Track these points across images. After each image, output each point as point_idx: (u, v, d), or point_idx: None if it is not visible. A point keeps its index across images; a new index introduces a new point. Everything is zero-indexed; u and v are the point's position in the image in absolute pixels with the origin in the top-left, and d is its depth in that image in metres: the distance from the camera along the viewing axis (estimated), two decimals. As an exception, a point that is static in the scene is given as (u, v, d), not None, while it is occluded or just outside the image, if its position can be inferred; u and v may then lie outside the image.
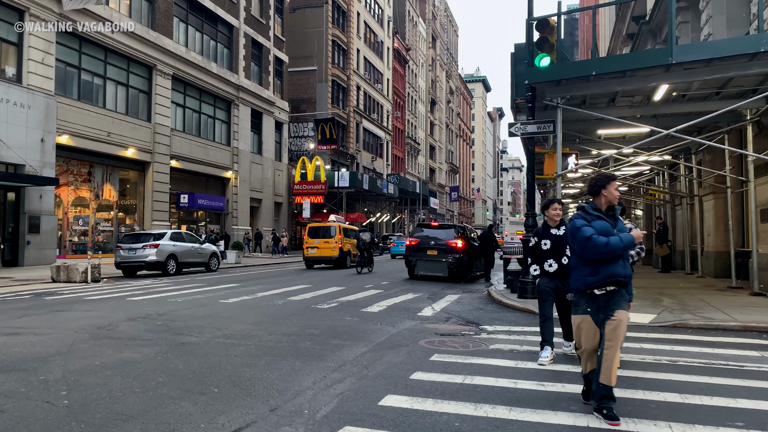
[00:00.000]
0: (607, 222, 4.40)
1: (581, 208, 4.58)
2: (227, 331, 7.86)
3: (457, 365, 6.06)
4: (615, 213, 4.49)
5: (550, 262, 6.36)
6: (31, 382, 5.06)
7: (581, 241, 4.32)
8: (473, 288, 15.66)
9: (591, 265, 4.34)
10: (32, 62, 20.77)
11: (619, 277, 4.31)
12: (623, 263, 4.35)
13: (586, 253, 4.33)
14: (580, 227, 4.37)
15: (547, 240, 6.43)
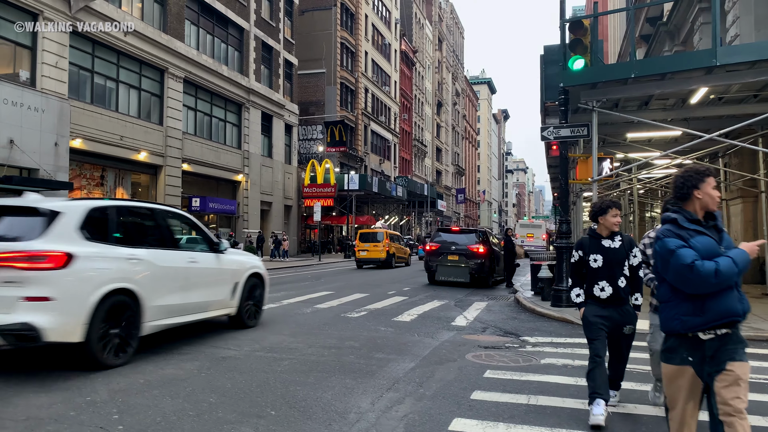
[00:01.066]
0: (710, 237, 3.17)
1: (670, 219, 3.29)
2: (265, 343, 7.61)
3: (515, 383, 5.80)
4: (717, 222, 3.29)
5: (602, 285, 4.83)
6: (78, 403, 4.81)
7: (679, 269, 3.07)
8: (497, 294, 15.40)
9: (693, 300, 3.12)
10: (46, 66, 20.58)
11: (736, 316, 3.10)
12: (738, 294, 3.13)
13: (687, 287, 3.09)
14: (675, 250, 3.11)
15: (597, 255, 4.86)
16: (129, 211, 7.51)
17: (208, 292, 7.84)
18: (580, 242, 5.07)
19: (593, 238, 4.98)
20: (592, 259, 4.90)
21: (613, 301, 4.86)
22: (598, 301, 4.89)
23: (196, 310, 7.57)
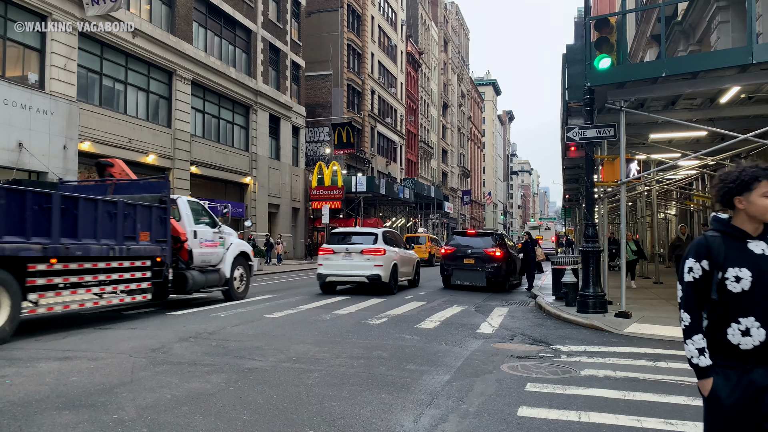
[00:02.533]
0: None
1: None
2: (290, 353, 7.32)
3: (560, 397, 5.50)
4: None
5: (746, 325, 2.53)
6: (105, 422, 4.53)
7: None
8: (516, 299, 15.10)
9: None
10: (55, 68, 20.38)
11: None
12: None
13: None
14: None
15: (742, 269, 2.54)
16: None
17: None
18: (705, 245, 2.64)
19: (731, 237, 2.62)
20: (733, 276, 2.55)
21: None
22: (736, 356, 2.55)
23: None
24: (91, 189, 12.42)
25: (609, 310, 10.88)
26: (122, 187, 12.26)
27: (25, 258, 8.14)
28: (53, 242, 8.57)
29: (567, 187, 28.40)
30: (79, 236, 9.14)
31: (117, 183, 12.53)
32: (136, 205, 10.52)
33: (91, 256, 9.40)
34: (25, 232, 8.17)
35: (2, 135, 18.29)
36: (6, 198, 7.98)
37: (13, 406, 4.88)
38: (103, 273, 9.72)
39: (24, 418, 4.60)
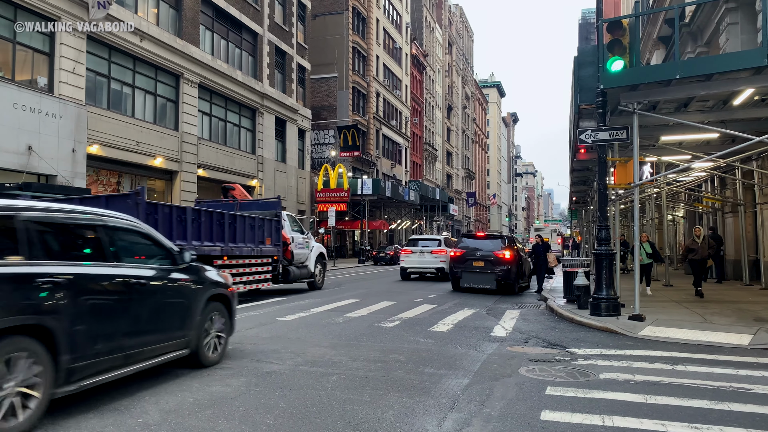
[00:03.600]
0: None
1: None
2: (307, 356, 7.32)
3: (582, 401, 5.48)
4: None
5: None
6: (131, 426, 4.54)
7: None
8: (526, 301, 15.08)
9: None
10: (64, 72, 20.46)
11: None
12: None
13: None
14: None
15: None
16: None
17: None
18: None
19: None
20: None
21: None
22: None
23: None
24: (221, 207, 15.77)
25: (622, 313, 10.85)
26: (245, 205, 16.52)
27: (212, 256, 12.02)
28: (225, 245, 12.77)
29: (574, 189, 28.37)
30: (236, 241, 13.23)
31: (241, 202, 17.00)
32: (264, 219, 14.75)
33: (243, 255, 13.47)
34: (212, 239, 12.37)
35: (12, 138, 18.37)
36: (204, 216, 12.26)
37: (38, 410, 4.88)
38: (248, 267, 13.69)
39: (51, 422, 4.61)
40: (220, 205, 16.37)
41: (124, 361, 5.36)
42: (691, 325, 9.87)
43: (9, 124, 18.21)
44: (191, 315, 6.40)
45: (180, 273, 6.36)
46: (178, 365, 6.35)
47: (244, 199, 17.68)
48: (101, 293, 5.20)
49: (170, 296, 6.26)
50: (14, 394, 4.21)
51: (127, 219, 6.07)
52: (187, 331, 6.31)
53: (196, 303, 6.50)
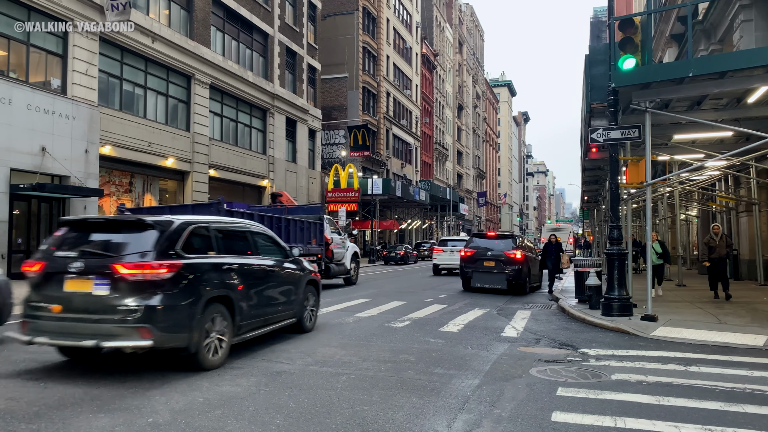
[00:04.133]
0: None
1: None
2: (317, 356, 7.32)
3: (593, 402, 5.43)
4: None
5: None
6: (141, 426, 4.55)
7: None
8: (537, 301, 15.00)
9: None
10: (77, 73, 20.64)
11: None
12: None
13: None
14: None
15: None
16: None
17: None
18: None
19: None
20: None
21: None
22: None
23: None
24: (272, 211, 17.92)
25: (634, 313, 10.76)
26: (292, 210, 18.91)
27: None
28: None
29: (586, 188, 28.17)
30: (290, 242, 14.36)
31: (289, 207, 19.55)
32: (310, 222, 16.93)
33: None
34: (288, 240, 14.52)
35: (26, 140, 18.55)
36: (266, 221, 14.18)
37: (50, 410, 4.92)
38: None
39: (61, 421, 4.64)
40: (270, 210, 18.57)
41: (263, 324, 7.82)
42: (705, 326, 9.76)
43: (23, 125, 18.40)
44: (298, 293, 8.92)
45: (290, 263, 8.90)
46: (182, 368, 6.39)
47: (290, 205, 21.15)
48: (252, 276, 7.68)
49: (286, 279, 8.68)
50: (215, 339, 6.68)
51: (260, 226, 9.15)
52: (295, 305, 8.81)
53: (300, 285, 9.01)
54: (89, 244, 6.51)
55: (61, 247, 6.44)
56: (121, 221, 7.03)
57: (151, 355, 6.52)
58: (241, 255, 7.65)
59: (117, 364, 6.67)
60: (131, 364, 6.66)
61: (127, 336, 5.90)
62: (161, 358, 6.62)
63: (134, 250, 6.21)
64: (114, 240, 6.55)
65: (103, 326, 5.93)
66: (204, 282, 6.59)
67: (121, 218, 7.26)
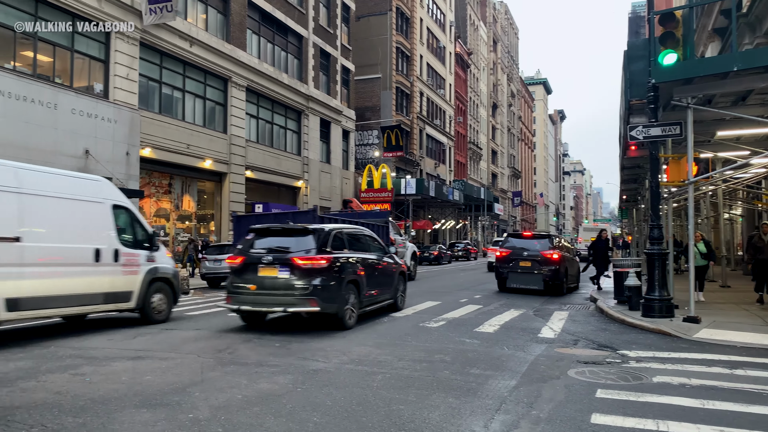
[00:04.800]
0: None
1: None
2: (352, 355, 7.36)
3: (634, 405, 5.31)
4: None
5: None
6: (182, 421, 4.65)
7: None
8: (574, 301, 14.76)
9: None
10: (118, 78, 21.20)
11: None
12: None
13: None
14: None
15: None
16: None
17: None
18: None
19: None
20: None
21: None
22: None
23: None
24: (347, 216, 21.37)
25: (676, 314, 10.48)
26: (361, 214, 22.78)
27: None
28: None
29: (624, 187, 27.58)
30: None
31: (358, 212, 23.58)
32: (379, 225, 19.04)
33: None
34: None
35: (71, 143, 19.15)
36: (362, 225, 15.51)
37: (95, 404, 5.07)
38: None
39: (106, 415, 4.78)
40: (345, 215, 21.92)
41: (374, 302, 10.82)
42: (751, 328, 9.45)
43: (68, 128, 19.00)
44: (393, 281, 11.88)
45: (388, 258, 11.84)
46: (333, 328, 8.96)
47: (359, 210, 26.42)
48: (369, 267, 10.59)
49: (387, 270, 11.61)
50: (350, 309, 9.61)
51: (368, 230, 12.22)
52: (392, 289, 11.79)
53: (395, 275, 11.98)
54: (273, 244, 9.54)
55: (253, 246, 9.56)
56: (291, 228, 9.89)
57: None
58: (361, 251, 10.69)
59: (156, 364, 6.83)
60: (171, 363, 6.81)
61: (302, 305, 8.98)
62: (317, 322, 9.66)
63: (302, 248, 9.26)
64: (288, 241, 9.52)
65: (286, 298, 9.00)
66: (344, 269, 9.57)
67: (291, 227, 9.99)
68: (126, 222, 10.31)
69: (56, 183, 9.24)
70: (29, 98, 17.79)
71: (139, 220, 10.79)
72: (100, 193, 10.04)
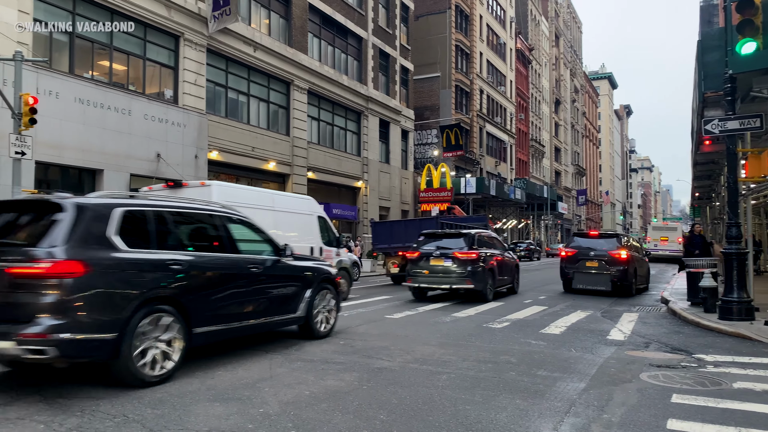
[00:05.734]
0: None
1: None
2: (416, 354, 7.37)
3: (713, 412, 5.07)
4: None
5: None
6: (253, 416, 4.79)
7: None
8: (644, 303, 14.23)
9: None
10: (187, 84, 22.03)
11: None
12: None
13: None
14: None
15: None
16: None
17: None
18: None
19: None
20: None
21: None
22: None
23: None
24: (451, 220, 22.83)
25: (756, 317, 9.93)
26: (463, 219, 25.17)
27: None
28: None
29: (697, 184, 26.36)
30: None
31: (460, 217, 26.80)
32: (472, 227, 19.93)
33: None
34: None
35: (144, 147, 20.06)
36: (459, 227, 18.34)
37: (172, 397, 5.29)
38: None
39: (182, 408, 4.98)
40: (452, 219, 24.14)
41: (500, 285, 14.96)
42: None
43: (141, 133, 19.92)
44: (512, 271, 15.98)
45: (507, 253, 15.88)
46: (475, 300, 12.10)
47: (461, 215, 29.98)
48: (497, 259, 14.60)
49: (508, 263, 15.76)
50: (489, 288, 13.91)
51: (494, 233, 16.80)
52: (512, 276, 15.87)
53: (512, 265, 16.05)
54: (441, 243, 14.16)
55: (425, 244, 14.26)
56: (450, 233, 15.11)
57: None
58: (492, 249, 14.77)
59: (229, 358, 7.05)
60: (241, 359, 7.02)
61: (461, 283, 13.28)
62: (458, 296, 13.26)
63: (460, 246, 13.76)
64: (449, 241, 14.22)
65: (450, 279, 13.44)
66: (486, 260, 13.77)
67: (450, 232, 15.41)
68: (323, 227, 14.73)
69: (290, 202, 14.40)
70: (105, 105, 18.76)
71: (330, 227, 15.34)
72: (309, 207, 14.90)
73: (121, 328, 5.32)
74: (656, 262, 36.15)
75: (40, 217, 5.64)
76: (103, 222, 5.54)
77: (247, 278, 6.95)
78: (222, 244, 6.90)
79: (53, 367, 5.68)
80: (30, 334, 4.90)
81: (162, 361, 5.75)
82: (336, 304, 8.77)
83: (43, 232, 5.32)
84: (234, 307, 6.73)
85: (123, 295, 5.42)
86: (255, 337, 8.06)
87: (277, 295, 7.48)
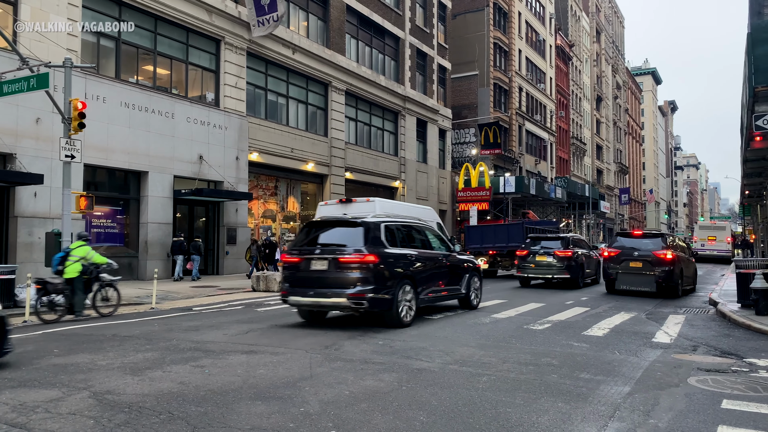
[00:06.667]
0: None
1: None
2: (455, 355, 7.32)
3: (767, 418, 4.88)
4: None
5: None
6: (294, 414, 4.84)
7: None
8: (690, 305, 13.81)
9: None
10: (227, 87, 22.45)
11: None
12: None
13: None
14: None
15: None
16: None
17: None
18: None
19: None
20: None
21: None
22: None
23: None
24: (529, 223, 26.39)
25: (812, 321, 9.51)
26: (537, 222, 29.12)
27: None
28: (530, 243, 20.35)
29: (747, 182, 25.40)
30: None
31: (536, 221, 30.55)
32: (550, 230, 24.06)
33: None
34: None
35: (186, 149, 20.53)
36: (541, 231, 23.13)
37: (214, 395, 5.40)
38: None
39: (224, 405, 5.07)
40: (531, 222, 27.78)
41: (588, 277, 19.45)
42: None
43: (184, 136, 20.39)
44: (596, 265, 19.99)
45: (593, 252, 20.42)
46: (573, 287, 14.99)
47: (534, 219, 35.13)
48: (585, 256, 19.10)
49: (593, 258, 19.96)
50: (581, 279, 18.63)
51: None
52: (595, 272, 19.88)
53: (596, 261, 20.11)
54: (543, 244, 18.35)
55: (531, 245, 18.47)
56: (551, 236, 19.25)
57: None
58: (581, 248, 18.97)
59: (268, 358, 7.15)
60: (282, 358, 7.11)
61: (560, 274, 17.60)
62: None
63: (558, 246, 17.91)
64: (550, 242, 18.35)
65: (551, 271, 17.75)
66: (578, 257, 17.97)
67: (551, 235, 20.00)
68: (440, 232, 16.32)
69: (419, 212, 18.57)
70: (150, 109, 19.28)
71: (445, 232, 18.92)
72: (431, 216, 19.38)
73: (393, 293, 9.14)
74: (703, 262, 35.07)
75: (350, 229, 9.57)
76: (378, 231, 9.48)
77: (440, 266, 11.00)
78: (426, 244, 11.04)
79: (354, 316, 10.31)
80: (354, 293, 8.87)
81: (409, 312, 9.58)
82: (480, 285, 12.54)
83: (353, 237, 9.28)
84: (435, 281, 10.70)
85: (393, 273, 9.28)
86: (297, 337, 8.12)
87: (453, 277, 11.34)
